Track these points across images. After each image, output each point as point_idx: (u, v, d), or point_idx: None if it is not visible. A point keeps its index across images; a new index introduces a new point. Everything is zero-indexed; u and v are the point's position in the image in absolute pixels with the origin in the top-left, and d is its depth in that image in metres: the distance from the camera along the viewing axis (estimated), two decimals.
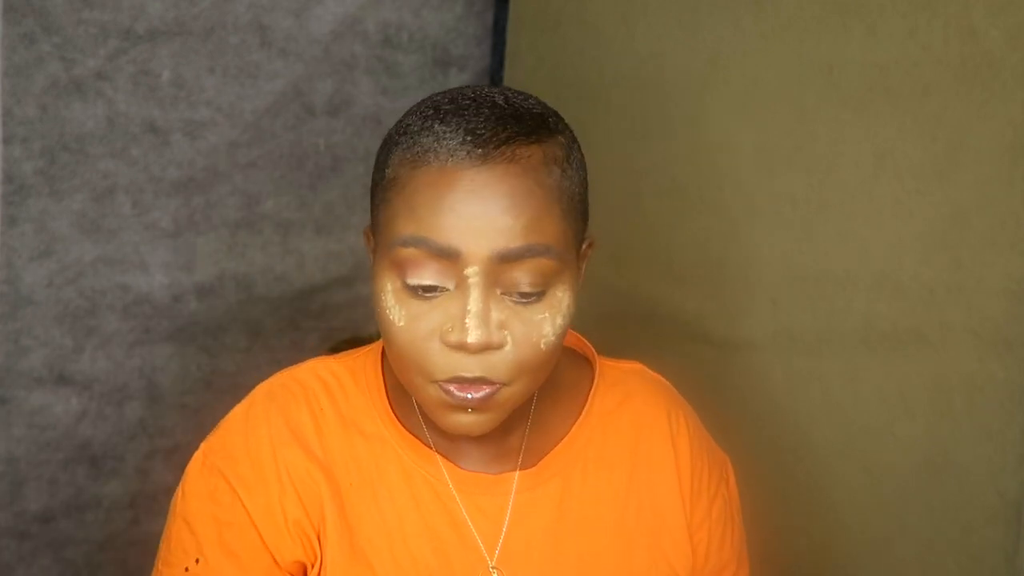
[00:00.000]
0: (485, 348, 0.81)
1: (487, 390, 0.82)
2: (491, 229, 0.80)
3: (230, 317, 1.63)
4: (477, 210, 0.80)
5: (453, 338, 0.81)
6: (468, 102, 0.84)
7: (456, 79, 1.73)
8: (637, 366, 1.04)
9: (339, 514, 0.89)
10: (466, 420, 0.84)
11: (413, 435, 0.92)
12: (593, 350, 1.02)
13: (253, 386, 0.97)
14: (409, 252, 0.81)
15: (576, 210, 0.86)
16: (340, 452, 0.91)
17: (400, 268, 0.82)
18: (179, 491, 0.92)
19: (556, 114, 0.88)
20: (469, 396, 0.82)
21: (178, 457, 1.64)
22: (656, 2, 1.44)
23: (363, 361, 0.96)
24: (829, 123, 1.23)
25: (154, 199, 1.53)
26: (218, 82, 1.54)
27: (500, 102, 0.84)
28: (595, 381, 0.99)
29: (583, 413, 0.97)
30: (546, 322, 0.83)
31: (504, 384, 0.83)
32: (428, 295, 0.82)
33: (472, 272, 0.80)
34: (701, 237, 1.40)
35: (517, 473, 0.93)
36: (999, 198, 1.09)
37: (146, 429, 1.60)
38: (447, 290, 0.81)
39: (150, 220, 1.53)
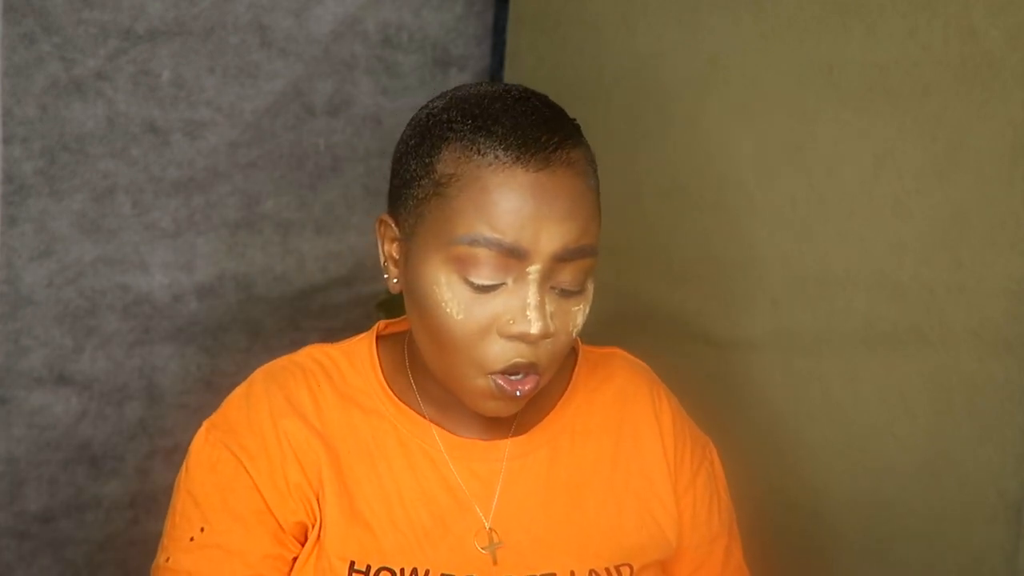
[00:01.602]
0: (543, 338, 0.87)
1: (533, 382, 0.89)
2: (555, 231, 0.85)
3: (230, 317, 1.63)
4: (544, 212, 0.85)
5: (515, 329, 0.86)
6: (512, 101, 0.88)
7: (456, 79, 1.73)
8: (617, 350, 1.10)
9: (337, 479, 0.93)
10: (505, 405, 0.90)
11: (410, 408, 0.98)
12: (576, 337, 1.07)
13: None
14: (476, 251, 0.85)
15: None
16: (338, 424, 0.96)
17: (462, 264, 0.86)
18: (183, 468, 0.97)
19: None
20: (518, 393, 0.88)
21: (178, 457, 1.62)
22: (656, 2, 1.44)
23: (357, 346, 1.02)
24: (829, 123, 1.23)
25: (154, 199, 1.53)
26: (218, 82, 1.54)
27: (539, 104, 0.89)
28: (578, 361, 1.05)
29: (568, 389, 1.03)
30: (579, 313, 0.90)
31: (542, 374, 0.90)
32: (485, 290, 0.86)
33: (534, 270, 0.86)
34: (701, 237, 1.40)
35: (509, 440, 0.98)
36: (999, 198, 1.09)
37: (146, 429, 1.60)
38: (504, 285, 0.86)
39: (150, 220, 1.53)
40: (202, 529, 0.92)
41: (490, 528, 0.95)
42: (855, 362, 1.23)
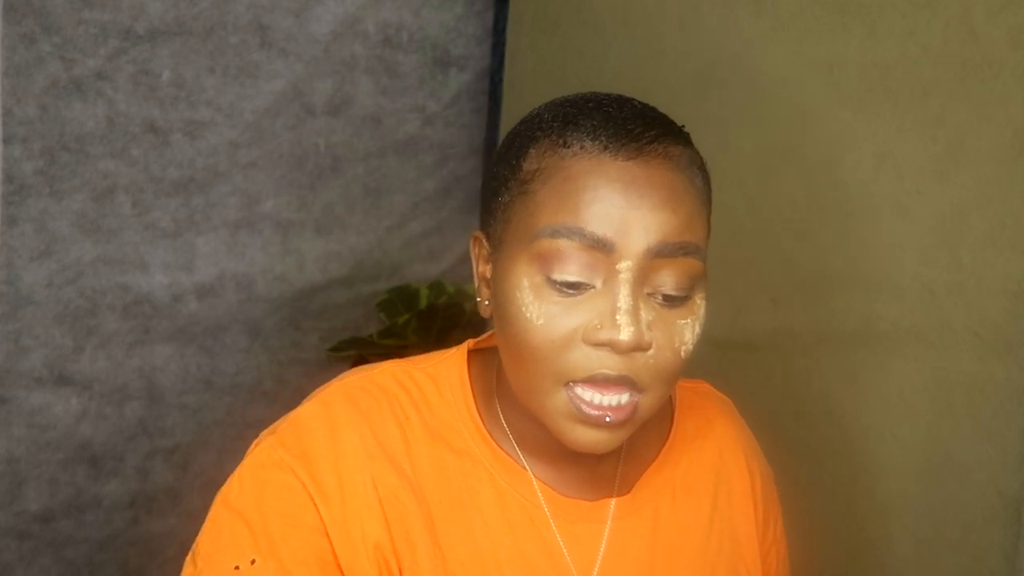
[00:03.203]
0: (635, 348, 0.75)
1: (628, 405, 0.77)
2: (648, 222, 0.75)
3: (230, 317, 1.63)
4: (635, 201, 0.75)
5: (603, 335, 0.75)
6: (606, 99, 0.81)
7: (456, 79, 1.73)
8: (705, 386, 1.00)
9: (430, 537, 0.81)
10: (596, 436, 0.78)
11: (506, 453, 0.85)
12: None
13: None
14: (559, 243, 0.75)
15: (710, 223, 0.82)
16: (429, 468, 0.83)
17: (544, 261, 0.76)
18: (233, 483, 0.82)
19: None
20: (608, 419, 0.76)
21: (178, 457, 1.64)
22: (656, 2, 1.44)
23: (446, 369, 0.88)
24: (829, 123, 1.23)
25: (154, 199, 1.53)
26: (218, 82, 1.54)
27: (638, 104, 0.82)
28: (676, 405, 0.95)
29: (669, 438, 0.92)
30: (688, 328, 0.79)
31: (642, 393, 0.78)
32: (571, 292, 0.76)
33: (625, 267, 0.76)
34: None
35: (614, 500, 0.87)
36: (999, 198, 1.09)
37: (146, 429, 1.60)
38: (592, 288, 0.76)
39: (150, 220, 1.53)
40: (253, 562, 0.77)
41: None
42: (855, 362, 1.23)
